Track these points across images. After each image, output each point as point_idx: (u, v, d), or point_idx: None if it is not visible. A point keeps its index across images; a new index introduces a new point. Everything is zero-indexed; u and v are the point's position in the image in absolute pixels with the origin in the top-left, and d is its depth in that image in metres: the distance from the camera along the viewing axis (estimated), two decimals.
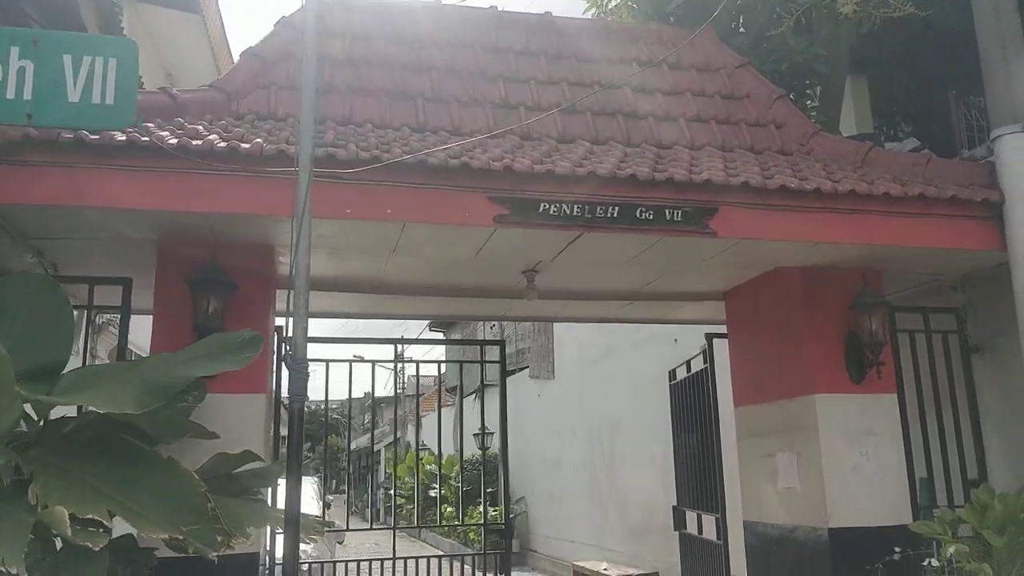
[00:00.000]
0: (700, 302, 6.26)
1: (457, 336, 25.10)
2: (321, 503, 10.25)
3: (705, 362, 6.42)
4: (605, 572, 9.83)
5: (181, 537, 2.64)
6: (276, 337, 5.70)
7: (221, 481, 3.27)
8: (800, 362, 5.18)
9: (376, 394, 6.33)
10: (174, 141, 3.76)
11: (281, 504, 3.90)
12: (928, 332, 5.52)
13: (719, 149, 5.14)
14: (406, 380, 29.19)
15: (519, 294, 5.65)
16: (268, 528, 5.13)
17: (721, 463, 6.17)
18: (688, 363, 6.94)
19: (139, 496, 2.71)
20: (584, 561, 11.07)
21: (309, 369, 3.24)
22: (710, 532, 6.40)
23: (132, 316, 4.50)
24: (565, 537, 13.70)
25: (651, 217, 4.26)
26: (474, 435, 17.23)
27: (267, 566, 5.44)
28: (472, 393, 22.09)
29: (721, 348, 6.30)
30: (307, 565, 6.24)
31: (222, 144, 3.80)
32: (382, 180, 3.95)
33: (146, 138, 3.73)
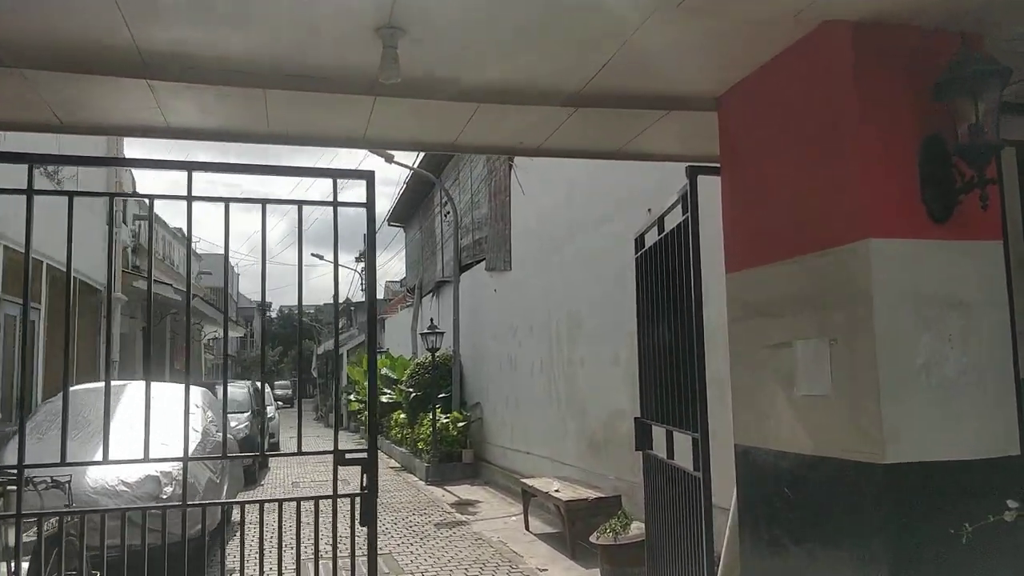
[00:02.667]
0: (679, 114, 4.05)
1: (419, 225, 22.91)
2: (207, 413, 8.25)
3: (685, 212, 4.28)
4: (556, 494, 8.01)
5: None
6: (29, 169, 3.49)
7: None
8: (843, 189, 3.04)
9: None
10: None
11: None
12: None
13: None
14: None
15: (382, 86, 3.42)
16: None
17: (703, 359, 4.12)
18: (660, 220, 4.81)
19: None
20: (534, 479, 9.28)
21: None
22: (684, 456, 4.43)
23: None
24: (521, 448, 11.97)
25: None
26: (422, 335, 15.30)
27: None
28: (430, 292, 20.17)
29: (709, 190, 4.16)
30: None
31: None
32: None
33: None
